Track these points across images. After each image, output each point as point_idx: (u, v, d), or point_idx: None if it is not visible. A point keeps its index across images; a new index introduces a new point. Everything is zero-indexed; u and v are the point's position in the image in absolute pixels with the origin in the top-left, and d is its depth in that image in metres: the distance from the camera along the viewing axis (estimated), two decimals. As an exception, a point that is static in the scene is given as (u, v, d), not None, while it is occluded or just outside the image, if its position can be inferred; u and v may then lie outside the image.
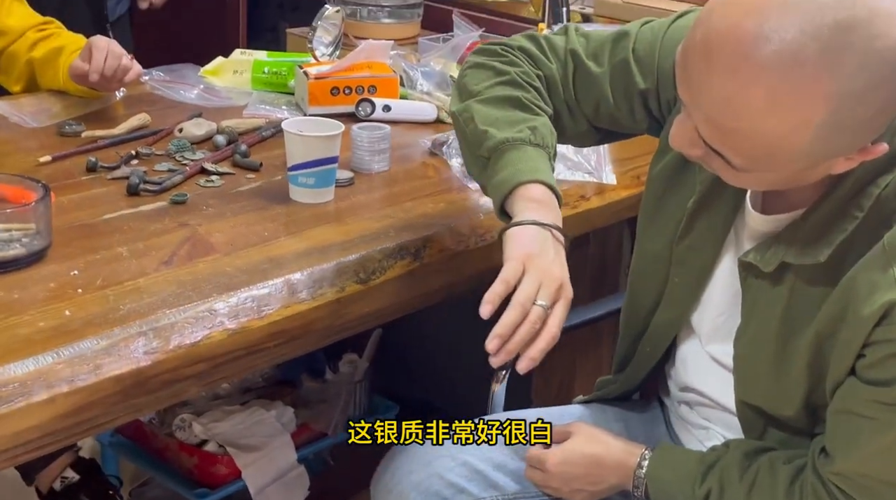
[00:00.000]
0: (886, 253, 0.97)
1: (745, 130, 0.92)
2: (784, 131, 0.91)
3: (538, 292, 1.10)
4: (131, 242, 1.26)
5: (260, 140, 1.66)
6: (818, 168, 0.97)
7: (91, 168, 1.47)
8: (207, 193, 1.44)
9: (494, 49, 1.32)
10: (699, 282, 1.19)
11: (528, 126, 1.22)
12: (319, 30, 1.96)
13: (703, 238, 1.17)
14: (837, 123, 0.90)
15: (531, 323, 1.09)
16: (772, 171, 0.97)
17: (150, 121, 1.68)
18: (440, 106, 1.85)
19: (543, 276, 1.12)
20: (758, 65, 0.88)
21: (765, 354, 1.10)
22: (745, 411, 1.15)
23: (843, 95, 0.88)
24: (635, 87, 1.24)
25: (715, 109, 0.93)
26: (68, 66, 1.69)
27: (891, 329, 0.97)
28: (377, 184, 1.55)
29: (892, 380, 0.98)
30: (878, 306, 0.96)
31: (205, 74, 1.96)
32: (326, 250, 1.29)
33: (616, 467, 1.18)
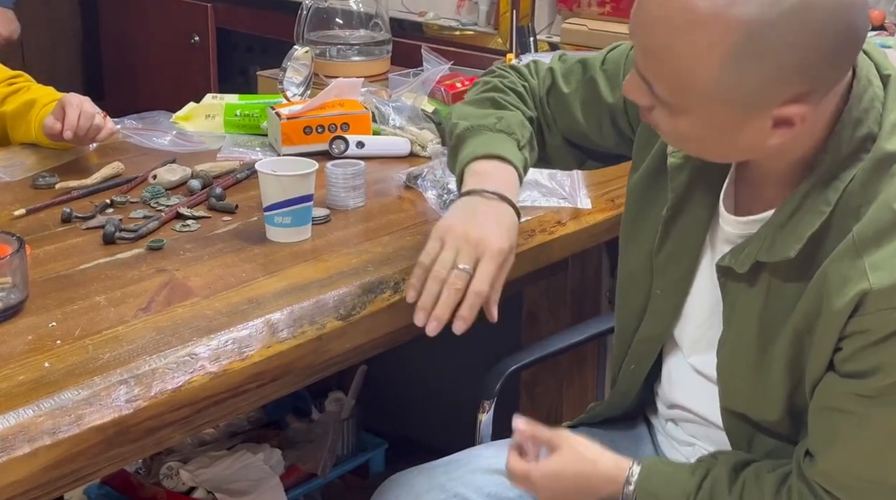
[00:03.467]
0: (856, 245, 0.98)
1: (663, 48, 0.97)
2: (694, 53, 0.95)
3: (456, 258, 1.16)
4: (109, 291, 1.26)
5: (235, 182, 1.66)
6: (745, 132, 0.99)
7: (66, 219, 1.47)
8: (184, 238, 1.44)
9: (492, 69, 1.42)
10: (680, 293, 1.20)
11: (495, 116, 1.29)
12: (290, 70, 1.97)
13: (681, 246, 1.18)
14: (746, 56, 0.93)
15: (451, 286, 1.15)
16: (699, 117, 0.99)
17: (124, 169, 1.68)
18: (413, 140, 1.86)
19: (460, 242, 1.17)
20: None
21: (746, 358, 1.10)
22: (731, 420, 1.15)
23: (751, 26, 0.92)
24: (603, 102, 1.29)
25: (643, 31, 0.99)
26: (41, 119, 1.69)
27: (864, 320, 0.98)
28: (354, 220, 1.55)
29: (868, 371, 0.99)
30: (850, 297, 0.97)
31: (177, 120, 1.97)
32: (305, 288, 1.29)
33: (606, 482, 1.16)
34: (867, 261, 0.98)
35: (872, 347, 0.99)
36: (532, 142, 1.32)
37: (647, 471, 1.14)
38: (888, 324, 0.97)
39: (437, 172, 1.65)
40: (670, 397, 1.26)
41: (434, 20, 2.43)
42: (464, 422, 1.52)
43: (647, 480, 1.14)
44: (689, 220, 1.17)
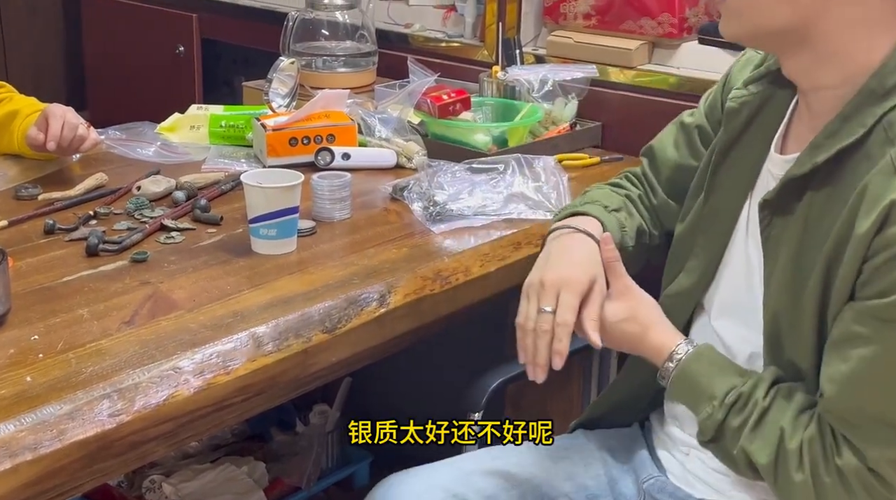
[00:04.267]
0: (893, 165, 0.99)
1: None
2: None
3: (538, 304, 1.19)
4: (92, 304, 1.24)
5: (220, 194, 1.66)
6: None
7: (49, 231, 1.46)
8: (168, 250, 1.43)
9: None
10: (716, 250, 1.21)
11: (580, 199, 1.37)
12: (275, 81, 1.96)
13: (724, 198, 1.21)
14: None
15: (539, 331, 1.17)
16: None
17: (108, 180, 1.67)
18: (399, 152, 1.86)
19: (539, 289, 1.20)
20: None
21: (785, 297, 1.10)
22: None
23: None
24: (688, 128, 1.35)
25: None
26: (23, 130, 1.68)
27: (888, 233, 0.97)
28: (339, 232, 1.55)
29: (887, 290, 0.98)
30: (878, 212, 0.98)
31: (161, 131, 1.96)
32: (291, 300, 1.29)
33: (651, 350, 1.18)
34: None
35: (893, 262, 0.97)
36: (627, 207, 1.36)
37: (698, 354, 1.14)
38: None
39: (422, 184, 1.65)
40: None
41: (420, 32, 2.42)
42: (450, 436, 1.51)
43: (695, 362, 1.14)
44: (737, 167, 1.20)
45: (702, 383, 1.13)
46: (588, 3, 2.05)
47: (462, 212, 1.59)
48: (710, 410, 1.11)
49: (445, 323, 1.46)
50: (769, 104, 1.19)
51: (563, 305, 1.17)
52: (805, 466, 1.04)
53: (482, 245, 1.52)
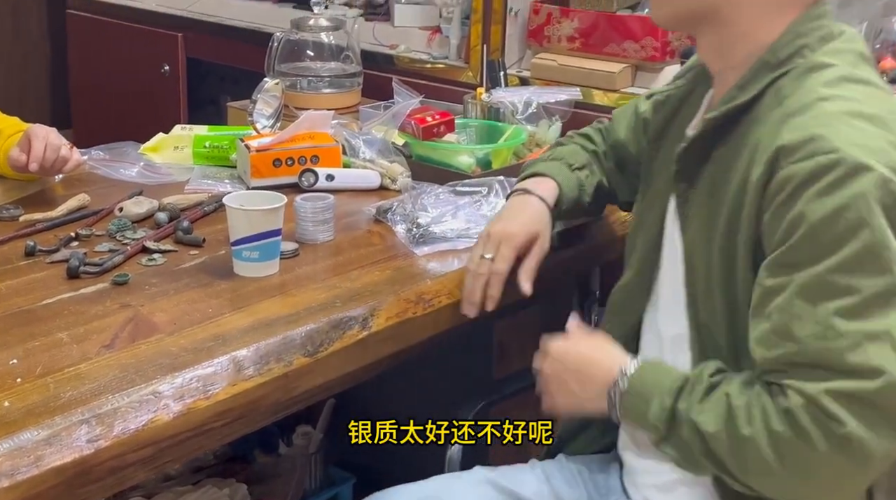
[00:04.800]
0: (780, 120, 1.07)
1: None
2: None
3: (481, 251, 1.38)
4: (72, 327, 1.24)
5: (202, 215, 1.65)
6: None
7: (30, 252, 1.45)
8: (150, 272, 1.42)
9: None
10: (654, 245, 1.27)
11: (549, 153, 1.49)
12: (260, 102, 1.96)
13: (656, 189, 1.29)
14: None
15: (475, 273, 1.37)
16: None
17: (90, 201, 1.67)
18: (383, 173, 1.86)
19: (484, 238, 1.40)
20: None
21: (700, 272, 1.15)
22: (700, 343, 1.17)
23: None
24: (640, 115, 1.45)
25: None
26: (5, 150, 1.67)
27: (777, 178, 1.04)
28: (322, 254, 1.54)
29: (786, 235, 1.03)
30: (767, 158, 1.05)
31: (145, 152, 1.95)
32: (273, 323, 1.28)
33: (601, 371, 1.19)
34: (784, 127, 1.06)
35: (784, 205, 1.03)
36: (590, 165, 1.48)
37: (641, 370, 1.16)
38: (797, 175, 1.02)
39: (406, 205, 1.65)
40: None
41: (405, 53, 2.43)
42: (434, 457, 1.51)
43: (638, 377, 1.15)
44: (663, 158, 1.27)
45: (650, 388, 1.13)
46: (572, 27, 2.07)
47: (445, 235, 1.58)
48: (659, 402, 1.11)
49: (429, 345, 1.46)
50: (692, 95, 1.28)
51: (500, 255, 1.36)
52: (755, 419, 1.04)
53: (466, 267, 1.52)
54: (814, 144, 1.03)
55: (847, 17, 1.97)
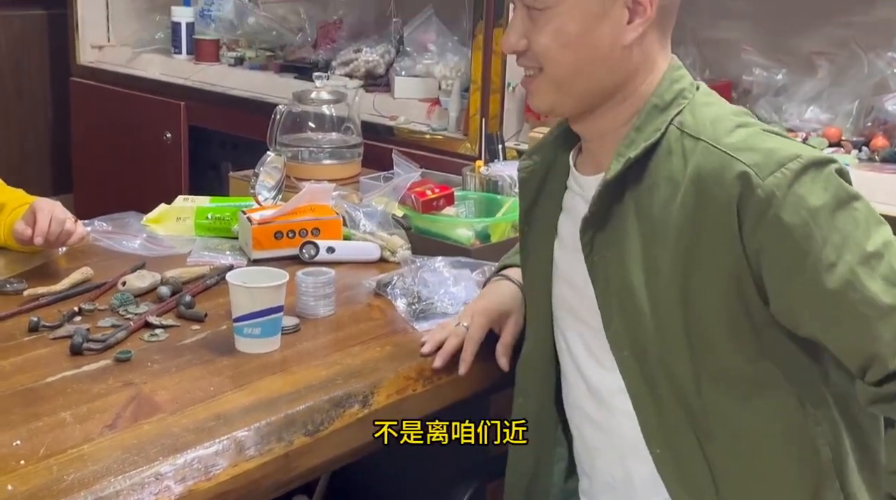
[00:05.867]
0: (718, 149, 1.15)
1: None
2: None
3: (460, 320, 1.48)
4: (75, 406, 1.24)
5: (204, 288, 1.67)
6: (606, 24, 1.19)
7: (33, 328, 1.46)
8: (152, 348, 1.43)
9: None
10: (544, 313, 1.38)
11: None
12: (262, 174, 1.99)
13: (536, 260, 1.39)
14: None
15: (452, 334, 1.46)
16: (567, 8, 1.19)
17: (93, 274, 1.68)
18: (383, 245, 1.88)
19: (462, 312, 1.50)
20: None
21: (636, 302, 1.21)
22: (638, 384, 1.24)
23: None
24: None
25: None
26: (10, 223, 1.69)
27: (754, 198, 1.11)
28: (323, 329, 1.55)
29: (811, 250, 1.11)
30: (732, 180, 1.13)
31: (148, 223, 1.97)
32: (274, 402, 1.29)
33: None
34: (720, 154, 1.14)
35: (781, 215, 1.10)
36: None
37: None
38: (780, 185, 1.11)
39: (406, 279, 1.67)
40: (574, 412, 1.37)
41: (405, 124, 2.47)
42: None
43: None
44: (539, 227, 1.37)
45: None
46: (569, 101, 2.10)
47: (445, 310, 1.60)
48: None
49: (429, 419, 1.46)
50: (556, 165, 1.36)
51: (475, 324, 1.45)
52: None
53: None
54: (776, 156, 1.12)
55: (839, 95, 2.02)
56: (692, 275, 1.17)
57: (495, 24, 2.25)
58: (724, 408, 1.20)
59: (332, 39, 2.83)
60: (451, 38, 2.53)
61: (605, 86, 1.23)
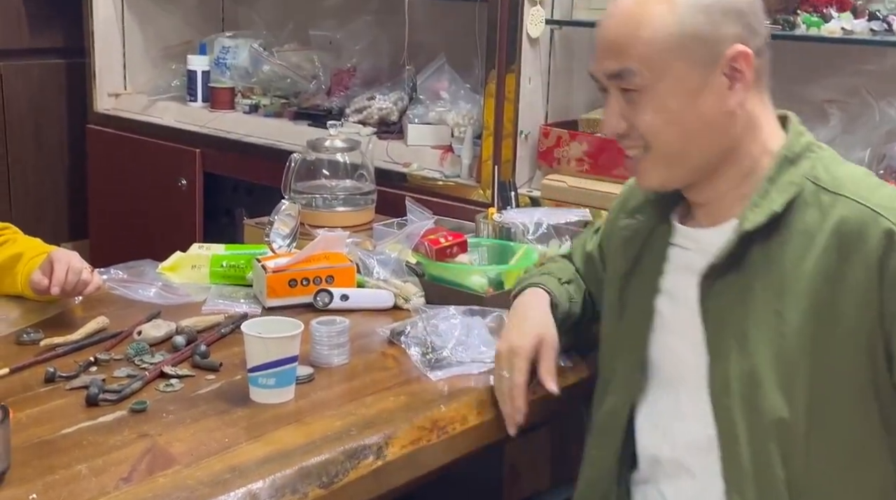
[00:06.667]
0: (862, 204, 1.17)
1: (627, 29, 1.23)
2: (652, 21, 1.22)
3: (498, 370, 1.45)
4: (90, 458, 1.25)
5: (219, 337, 1.67)
6: (707, 95, 1.21)
7: (49, 379, 1.47)
8: (167, 399, 1.44)
9: None
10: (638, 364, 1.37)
11: (538, 270, 1.59)
12: (277, 222, 2.00)
13: (637, 303, 1.38)
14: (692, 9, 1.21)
15: (500, 394, 1.43)
16: (668, 85, 1.21)
17: (109, 323, 1.69)
18: (397, 293, 1.88)
19: (497, 358, 1.46)
20: None
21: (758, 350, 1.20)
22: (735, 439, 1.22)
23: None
24: (588, 253, 1.60)
25: (606, 33, 1.26)
26: (27, 273, 1.71)
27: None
28: (337, 379, 1.56)
29: None
30: (879, 238, 1.14)
31: (163, 271, 1.99)
32: (289, 454, 1.29)
33: None
34: (866, 209, 1.16)
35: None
36: (577, 280, 1.57)
37: None
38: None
39: (419, 328, 1.67)
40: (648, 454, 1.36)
41: (418, 171, 2.49)
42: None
43: None
44: (639, 285, 1.37)
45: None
46: (581, 149, 2.12)
47: (460, 359, 1.60)
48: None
49: (442, 470, 1.46)
50: (660, 220, 1.38)
51: (515, 369, 1.42)
52: None
53: (480, 392, 1.53)
54: None
55: (850, 143, 2.03)
56: (825, 330, 1.17)
57: (507, 71, 2.27)
58: (824, 472, 1.18)
59: (346, 87, 2.86)
60: (464, 86, 2.55)
61: (714, 153, 1.25)
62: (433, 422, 1.43)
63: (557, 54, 2.33)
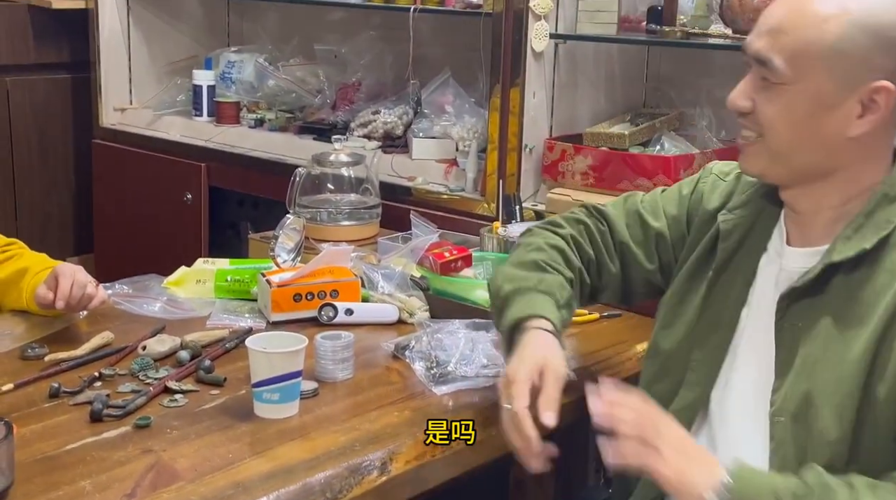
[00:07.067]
0: None
1: (793, 19, 1.20)
2: (818, 21, 1.19)
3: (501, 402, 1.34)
4: (94, 475, 1.24)
5: (224, 352, 1.67)
6: (835, 114, 1.20)
7: (54, 394, 1.47)
8: (171, 414, 1.43)
9: (530, 229, 1.61)
10: (717, 357, 1.34)
11: (537, 279, 1.46)
12: (282, 237, 2.01)
13: (721, 308, 1.35)
14: (860, 28, 1.18)
15: (507, 427, 1.32)
16: (801, 89, 1.20)
17: (114, 338, 1.69)
18: (401, 307, 1.88)
19: (499, 389, 1.36)
20: None
21: (816, 378, 1.21)
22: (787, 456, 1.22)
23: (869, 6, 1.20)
24: (649, 228, 1.51)
25: (773, 16, 1.23)
26: (32, 287, 1.71)
27: None
28: (342, 393, 1.55)
29: None
30: None
31: (168, 285, 1.99)
32: (292, 469, 1.29)
33: (705, 457, 1.20)
34: None
35: None
36: (570, 302, 1.48)
37: (739, 470, 1.16)
38: None
39: (423, 342, 1.67)
40: None
41: (423, 185, 2.49)
42: None
43: (739, 478, 1.15)
44: (733, 280, 1.35)
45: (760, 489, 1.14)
46: (585, 163, 2.12)
47: (465, 374, 1.60)
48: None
49: (447, 486, 1.45)
50: (759, 222, 1.36)
51: (516, 399, 1.31)
52: None
53: (484, 407, 1.52)
54: None
55: None
56: (881, 362, 1.18)
57: (512, 84, 2.28)
58: None
59: (351, 101, 2.86)
60: (468, 100, 2.55)
61: (821, 167, 1.25)
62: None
63: (562, 68, 2.33)
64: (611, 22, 2.21)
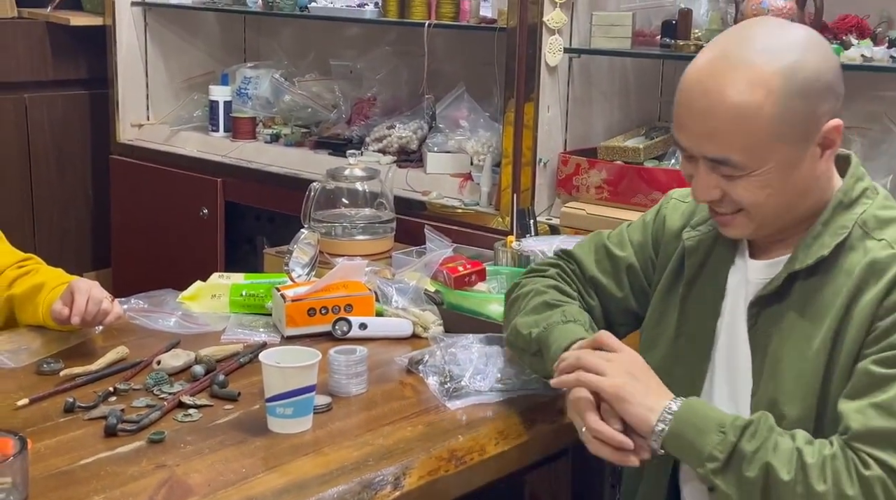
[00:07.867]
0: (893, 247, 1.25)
1: (726, 122, 1.22)
2: (750, 112, 1.21)
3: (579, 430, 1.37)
4: (108, 490, 1.25)
5: (238, 367, 1.67)
6: (804, 164, 1.25)
7: (69, 409, 1.47)
8: (185, 429, 1.44)
9: (516, 283, 1.64)
10: (699, 371, 1.38)
11: (560, 312, 1.49)
12: (296, 251, 2.01)
13: (698, 320, 1.39)
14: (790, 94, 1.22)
15: (594, 450, 1.35)
16: (771, 166, 1.23)
17: (129, 353, 1.70)
18: (416, 321, 1.88)
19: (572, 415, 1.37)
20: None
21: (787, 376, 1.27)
22: None
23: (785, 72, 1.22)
24: (616, 258, 1.55)
25: (701, 121, 1.25)
26: (48, 303, 1.72)
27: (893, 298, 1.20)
28: (355, 408, 1.55)
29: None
30: (887, 280, 1.22)
31: (183, 300, 1.99)
32: (306, 485, 1.29)
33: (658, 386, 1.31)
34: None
35: None
36: (593, 325, 1.51)
37: (689, 403, 1.27)
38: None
39: (437, 357, 1.67)
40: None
41: (437, 199, 2.49)
42: None
43: (688, 409, 1.26)
44: (702, 294, 1.39)
45: (706, 418, 1.25)
46: (600, 177, 2.12)
47: (479, 388, 1.59)
48: (721, 436, 1.22)
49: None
50: (722, 236, 1.39)
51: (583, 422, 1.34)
52: (828, 478, 1.17)
53: (498, 422, 1.52)
54: None
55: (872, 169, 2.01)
56: (835, 354, 1.25)
57: (526, 99, 2.28)
58: None
59: (366, 116, 2.87)
60: (483, 115, 2.56)
61: (801, 210, 1.30)
62: (451, 452, 1.42)
63: (576, 82, 2.34)
64: (625, 36, 2.21)
